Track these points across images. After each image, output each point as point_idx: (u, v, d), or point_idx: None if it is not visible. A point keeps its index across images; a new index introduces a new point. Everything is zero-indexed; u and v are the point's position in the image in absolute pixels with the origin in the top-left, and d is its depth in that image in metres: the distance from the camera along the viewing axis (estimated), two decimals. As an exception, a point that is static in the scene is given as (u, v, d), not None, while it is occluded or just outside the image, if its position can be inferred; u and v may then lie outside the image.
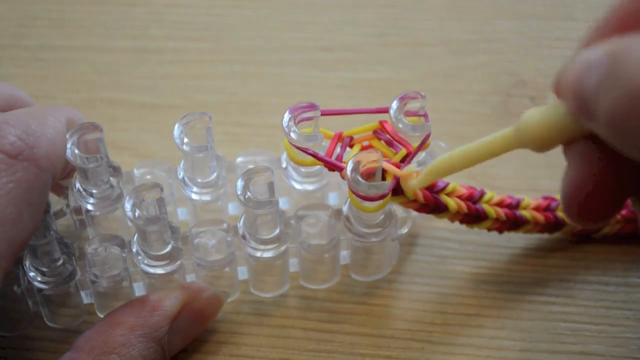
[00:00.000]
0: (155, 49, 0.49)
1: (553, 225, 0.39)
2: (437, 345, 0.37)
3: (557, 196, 0.39)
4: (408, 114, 0.35)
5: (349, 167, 0.33)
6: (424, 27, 0.50)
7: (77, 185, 0.36)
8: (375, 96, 0.47)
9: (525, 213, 0.38)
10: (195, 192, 0.37)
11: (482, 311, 0.38)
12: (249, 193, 0.34)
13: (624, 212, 0.39)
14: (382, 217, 0.36)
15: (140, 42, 0.49)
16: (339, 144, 0.36)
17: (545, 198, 0.39)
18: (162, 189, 0.33)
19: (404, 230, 0.37)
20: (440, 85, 0.47)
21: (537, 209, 0.39)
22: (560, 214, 0.39)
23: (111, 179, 0.36)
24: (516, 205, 0.38)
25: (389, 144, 0.35)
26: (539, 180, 0.42)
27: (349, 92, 0.47)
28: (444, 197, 0.36)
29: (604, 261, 0.40)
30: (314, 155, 0.34)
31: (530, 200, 0.39)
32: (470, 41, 0.49)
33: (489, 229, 0.38)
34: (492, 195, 0.38)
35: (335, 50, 0.49)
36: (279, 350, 0.37)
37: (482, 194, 0.37)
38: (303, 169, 0.37)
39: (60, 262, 0.35)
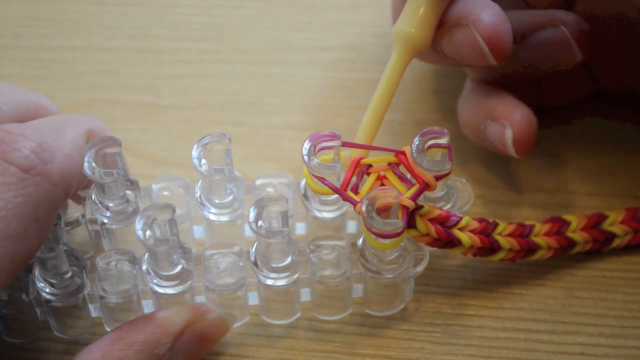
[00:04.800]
0: (155, 49, 0.49)
1: (565, 247, 0.38)
2: (437, 345, 0.37)
3: (564, 216, 0.39)
4: (432, 146, 0.34)
5: (364, 204, 0.33)
6: (423, 27, 0.50)
7: (94, 197, 0.35)
8: (375, 96, 0.47)
9: (538, 240, 0.38)
10: (213, 213, 0.36)
11: (482, 311, 0.38)
12: (261, 222, 0.33)
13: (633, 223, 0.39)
14: (397, 253, 0.35)
15: (140, 42, 0.49)
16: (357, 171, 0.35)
17: (554, 222, 0.39)
18: (174, 210, 0.33)
19: (420, 269, 0.36)
20: (440, 85, 0.47)
21: (548, 233, 0.38)
22: (571, 235, 0.38)
23: (128, 192, 0.35)
24: (528, 233, 0.38)
25: (403, 179, 0.35)
26: (540, 181, 0.43)
27: (349, 92, 0.47)
28: (456, 232, 0.35)
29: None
30: (330, 187, 0.34)
31: (540, 225, 0.38)
32: (470, 41, 0.49)
33: (503, 260, 0.37)
34: (504, 225, 0.37)
35: (335, 50, 0.49)
36: (279, 350, 0.37)
37: (495, 225, 0.37)
38: (322, 197, 0.37)
39: (69, 274, 0.34)
